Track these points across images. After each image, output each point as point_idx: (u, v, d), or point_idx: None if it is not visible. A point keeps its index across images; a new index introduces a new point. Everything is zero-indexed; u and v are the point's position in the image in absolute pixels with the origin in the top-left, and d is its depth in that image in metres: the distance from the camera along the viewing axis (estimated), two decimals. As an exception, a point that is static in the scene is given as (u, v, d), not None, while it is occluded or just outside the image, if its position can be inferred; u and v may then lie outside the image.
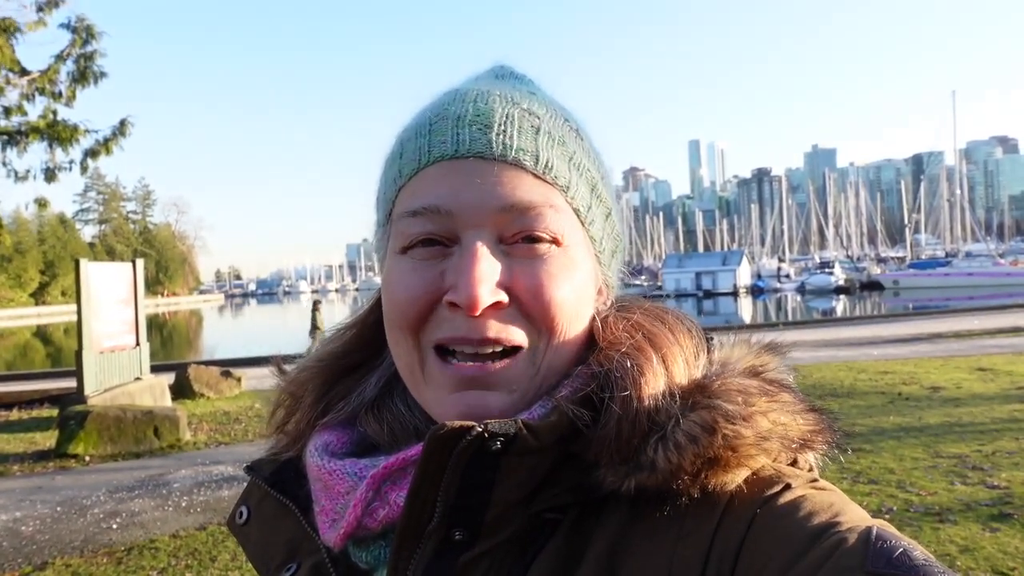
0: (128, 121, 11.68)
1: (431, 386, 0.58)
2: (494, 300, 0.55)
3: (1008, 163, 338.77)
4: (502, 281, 0.56)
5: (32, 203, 12.47)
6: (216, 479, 6.64)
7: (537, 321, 0.57)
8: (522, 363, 0.57)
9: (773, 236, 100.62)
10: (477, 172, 0.57)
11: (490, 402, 0.56)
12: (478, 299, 0.54)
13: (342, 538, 0.58)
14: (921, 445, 6.29)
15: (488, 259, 0.56)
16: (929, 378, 9.74)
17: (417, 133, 0.61)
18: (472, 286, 0.54)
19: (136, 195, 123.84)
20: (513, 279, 0.57)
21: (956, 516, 4.55)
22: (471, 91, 0.62)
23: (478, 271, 0.54)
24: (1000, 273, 44.85)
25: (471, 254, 0.55)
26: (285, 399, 0.72)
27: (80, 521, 5.58)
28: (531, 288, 0.57)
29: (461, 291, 0.54)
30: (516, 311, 0.57)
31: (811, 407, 0.57)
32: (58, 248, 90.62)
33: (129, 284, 10.60)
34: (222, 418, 9.92)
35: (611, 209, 0.66)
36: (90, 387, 9.24)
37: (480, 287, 0.54)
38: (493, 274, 0.56)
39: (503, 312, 0.56)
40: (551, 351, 0.58)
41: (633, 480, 0.53)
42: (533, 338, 0.58)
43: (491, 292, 0.55)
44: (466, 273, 0.54)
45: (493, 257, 0.56)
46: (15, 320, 72.04)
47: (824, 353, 13.21)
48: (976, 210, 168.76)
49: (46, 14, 11.16)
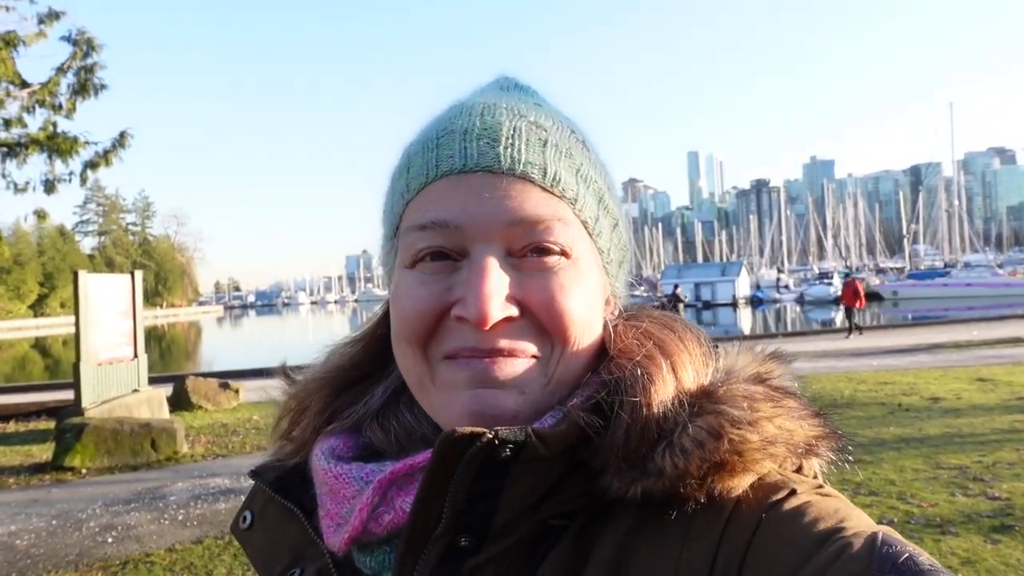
0: (128, 133, 11.74)
1: (442, 391, 0.58)
2: (505, 315, 0.55)
3: (1006, 174, 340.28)
4: (512, 294, 0.56)
5: (31, 215, 12.50)
6: (213, 492, 6.60)
7: (549, 333, 0.57)
8: (534, 369, 0.57)
9: (772, 247, 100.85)
10: (486, 186, 0.57)
11: (502, 401, 0.56)
12: (488, 314, 0.54)
13: (346, 543, 0.58)
14: (921, 456, 6.28)
15: (498, 273, 0.55)
16: (929, 389, 9.73)
17: (424, 147, 0.61)
18: (483, 301, 0.54)
19: (136, 207, 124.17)
20: (524, 292, 0.57)
21: (957, 528, 4.53)
22: (477, 104, 0.62)
23: (488, 286, 0.54)
24: (999, 283, 44.88)
25: (481, 268, 0.55)
26: (291, 407, 0.72)
27: (75, 535, 5.54)
28: (543, 300, 0.57)
29: (471, 306, 0.54)
30: (527, 324, 0.57)
31: (816, 413, 0.57)
32: (57, 260, 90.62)
33: (128, 296, 10.57)
34: (220, 430, 9.87)
35: (617, 220, 0.67)
36: (88, 399, 9.20)
37: (490, 302, 0.54)
38: (503, 288, 0.55)
39: (513, 325, 0.56)
40: (563, 362, 0.58)
41: (640, 486, 0.53)
42: (545, 350, 0.57)
43: (501, 307, 0.55)
44: (476, 288, 0.54)
45: (502, 271, 0.56)
46: (13, 332, 71.88)
47: (823, 364, 13.20)
48: (974, 221, 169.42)
49: (47, 26, 11.25)
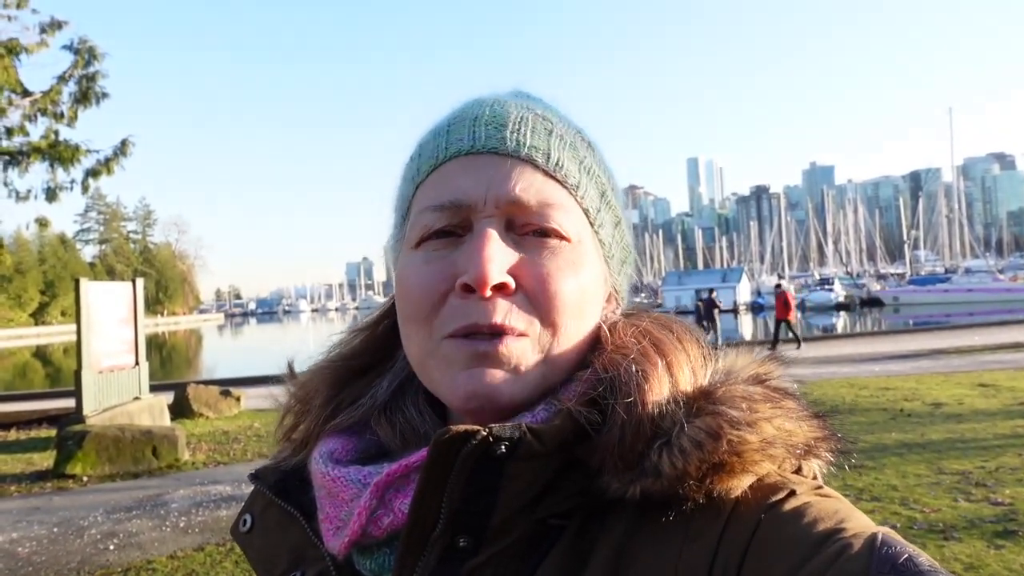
0: (129, 141, 11.78)
1: (442, 367, 0.59)
2: (501, 280, 0.57)
3: (1005, 179, 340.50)
4: (510, 269, 0.58)
5: (33, 223, 12.52)
6: (214, 499, 6.59)
7: (542, 311, 0.58)
8: (528, 347, 0.58)
9: (772, 253, 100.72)
10: (491, 166, 0.60)
11: (498, 379, 0.57)
12: (487, 275, 0.55)
13: (346, 546, 0.58)
14: (924, 462, 6.26)
15: (498, 243, 0.58)
16: (931, 394, 9.70)
17: (435, 134, 0.64)
18: (482, 263, 0.56)
19: (137, 215, 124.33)
20: (521, 268, 0.59)
21: (960, 533, 4.52)
22: (488, 98, 0.66)
23: (488, 250, 0.57)
24: (1000, 289, 44.80)
25: (482, 236, 0.58)
26: (294, 404, 0.72)
27: (77, 542, 5.53)
28: (537, 278, 0.58)
29: (472, 270, 0.56)
30: (522, 299, 0.58)
31: (815, 414, 0.57)
32: (58, 268, 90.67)
33: (129, 304, 10.57)
34: (221, 438, 9.87)
35: (620, 218, 0.68)
36: (89, 407, 9.19)
37: (490, 264, 0.56)
38: (502, 255, 0.57)
39: (510, 299, 0.58)
40: (555, 343, 0.59)
41: (638, 486, 0.53)
42: (537, 329, 0.59)
43: (499, 272, 0.57)
44: (476, 253, 0.57)
45: (503, 242, 0.58)
46: (15, 340, 71.79)
47: (825, 369, 13.18)
48: (974, 226, 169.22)
49: (49, 35, 11.31)
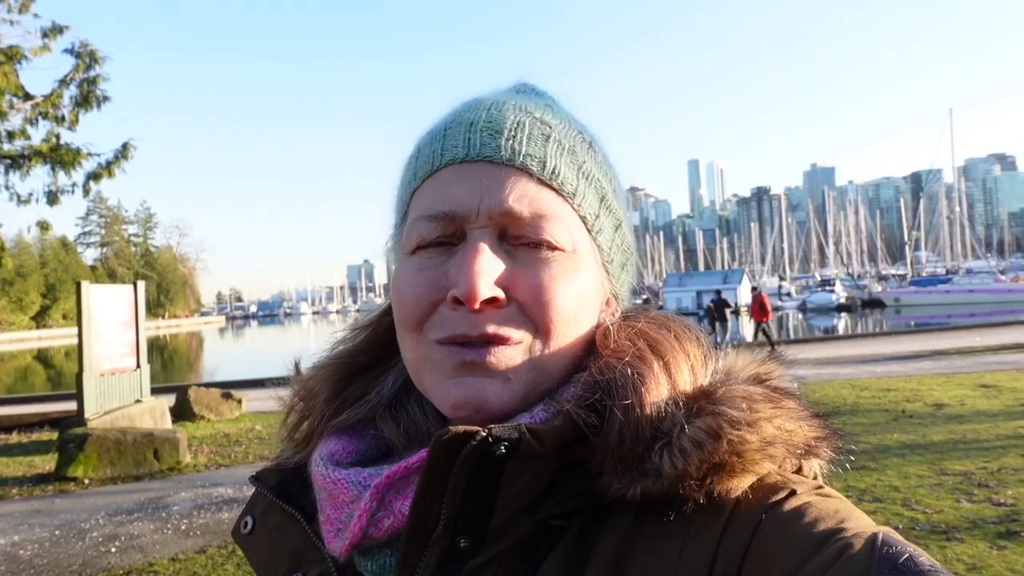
0: (130, 144, 11.79)
1: (434, 374, 0.59)
2: (491, 295, 0.56)
3: (1006, 180, 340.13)
4: (502, 281, 0.58)
5: (34, 226, 12.51)
6: (216, 502, 6.59)
7: (536, 322, 0.58)
8: (519, 357, 0.58)
9: (773, 254, 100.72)
10: (485, 175, 0.59)
11: (487, 388, 0.57)
12: (476, 290, 0.55)
13: (347, 548, 0.58)
14: (926, 462, 6.25)
15: (489, 255, 0.57)
16: (932, 395, 9.69)
17: (432, 138, 0.64)
18: (471, 278, 0.56)
19: (138, 218, 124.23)
20: (514, 280, 0.58)
21: (963, 534, 4.51)
22: (487, 100, 0.65)
23: (478, 265, 0.56)
24: (1001, 290, 44.72)
25: (473, 249, 0.57)
26: (298, 402, 0.72)
27: (79, 545, 5.52)
28: (531, 289, 0.58)
29: (461, 285, 0.56)
30: (515, 310, 0.58)
31: (815, 414, 0.57)
32: (60, 271, 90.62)
33: (130, 306, 10.57)
34: (222, 440, 9.86)
35: (621, 221, 0.68)
36: (90, 410, 9.19)
37: (479, 279, 0.56)
38: (493, 269, 0.57)
39: (502, 311, 0.58)
40: (548, 353, 0.59)
41: (639, 487, 0.53)
42: (530, 339, 0.58)
43: (489, 287, 0.56)
44: (467, 266, 0.56)
45: (495, 255, 0.58)
46: (16, 343, 71.85)
47: (826, 371, 13.16)
48: (976, 227, 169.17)
49: (50, 40, 11.32)
